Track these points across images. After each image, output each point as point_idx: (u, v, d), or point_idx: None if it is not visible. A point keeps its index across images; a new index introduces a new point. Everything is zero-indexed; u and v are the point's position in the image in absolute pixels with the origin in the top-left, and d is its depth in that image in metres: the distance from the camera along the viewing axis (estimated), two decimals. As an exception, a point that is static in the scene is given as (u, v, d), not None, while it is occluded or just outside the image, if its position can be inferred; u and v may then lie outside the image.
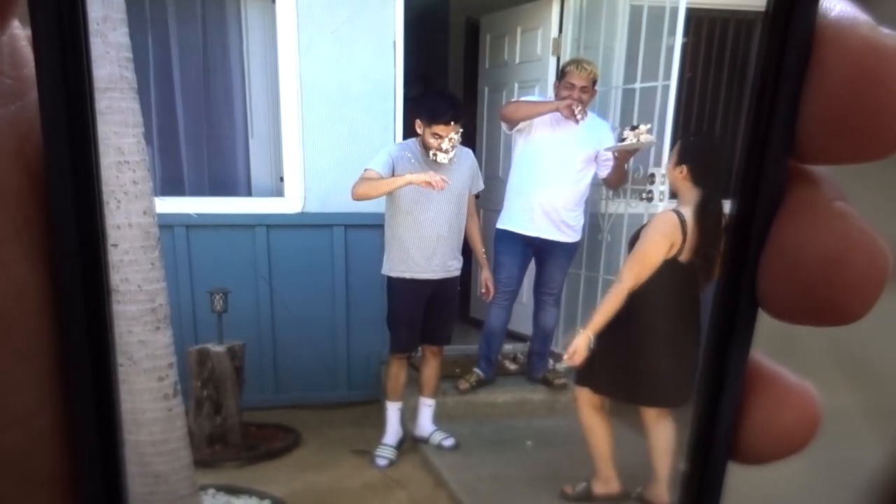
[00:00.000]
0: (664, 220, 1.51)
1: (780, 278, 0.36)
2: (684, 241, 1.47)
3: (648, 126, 1.78)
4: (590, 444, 1.57)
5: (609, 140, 1.85)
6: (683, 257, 1.46)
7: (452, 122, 1.68)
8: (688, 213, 1.48)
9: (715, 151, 1.63)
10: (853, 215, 0.35)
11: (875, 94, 0.33)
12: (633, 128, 1.79)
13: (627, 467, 1.56)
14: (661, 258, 1.47)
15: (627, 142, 1.79)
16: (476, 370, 1.97)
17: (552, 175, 1.89)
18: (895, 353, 1.78)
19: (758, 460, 0.41)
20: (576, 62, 1.88)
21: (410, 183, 1.70)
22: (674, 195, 1.69)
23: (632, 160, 1.86)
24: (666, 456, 1.62)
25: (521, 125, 1.89)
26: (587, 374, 1.57)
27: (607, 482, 1.54)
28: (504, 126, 1.88)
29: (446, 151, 1.69)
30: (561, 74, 1.88)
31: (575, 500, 1.55)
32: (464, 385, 1.96)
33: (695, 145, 1.63)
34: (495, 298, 1.96)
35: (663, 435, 1.60)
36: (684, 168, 1.54)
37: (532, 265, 1.94)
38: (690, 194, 1.52)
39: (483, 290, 1.90)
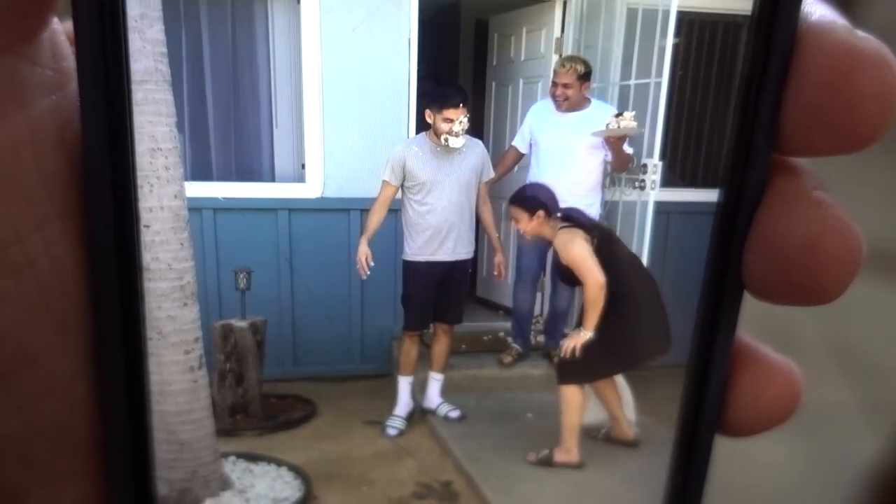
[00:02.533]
0: (572, 234, 1.59)
1: (763, 262, 0.36)
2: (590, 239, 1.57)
3: (633, 113, 1.78)
4: (563, 415, 1.60)
5: None
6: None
7: (461, 105, 1.69)
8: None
9: (540, 190, 1.71)
10: (830, 203, 0.35)
11: (851, 91, 0.33)
12: (618, 115, 1.79)
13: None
14: (591, 252, 1.56)
15: (611, 127, 1.79)
16: (514, 346, 1.98)
17: (559, 166, 1.89)
18: (892, 347, 1.77)
19: (742, 433, 0.41)
20: (561, 60, 1.88)
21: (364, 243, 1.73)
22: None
23: (627, 145, 1.86)
24: (618, 400, 1.68)
25: (530, 131, 1.92)
26: (571, 373, 1.61)
27: (569, 452, 1.57)
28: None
29: (457, 135, 1.69)
30: (553, 73, 1.88)
31: (537, 466, 1.58)
32: (507, 359, 1.97)
33: (526, 194, 1.74)
34: (519, 282, 1.98)
35: (610, 385, 1.67)
36: (539, 213, 1.64)
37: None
38: (551, 226, 1.63)
39: (496, 273, 1.90)
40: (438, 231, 1.84)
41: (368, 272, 1.77)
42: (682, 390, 0.39)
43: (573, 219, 1.59)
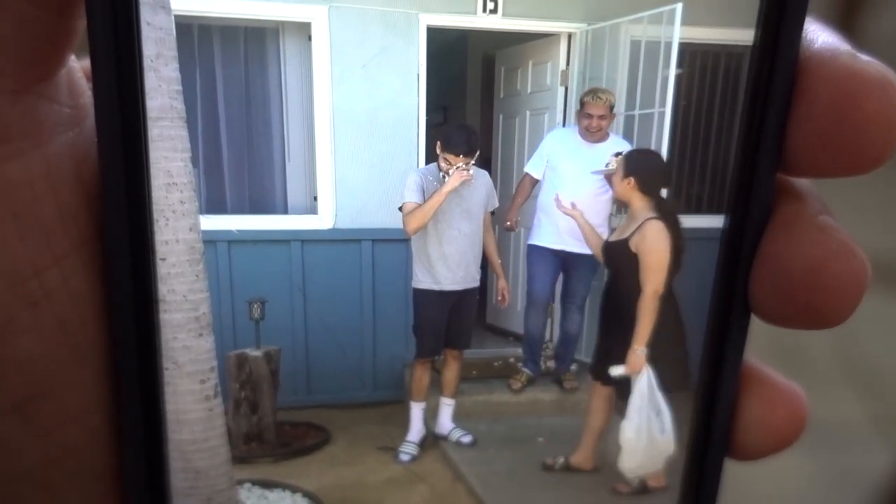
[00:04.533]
0: (662, 229, 1.47)
1: (769, 286, 0.36)
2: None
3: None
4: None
5: None
6: None
7: (462, 156, 1.69)
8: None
9: (655, 162, 1.65)
10: (834, 228, 0.35)
11: (856, 115, 0.33)
12: (618, 154, 1.79)
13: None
14: (669, 260, 1.47)
15: (610, 166, 1.79)
16: (524, 370, 1.97)
17: (576, 195, 1.89)
18: None
19: (751, 456, 0.41)
20: (591, 93, 1.87)
21: (450, 192, 1.70)
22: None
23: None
24: (602, 425, 1.57)
25: (547, 157, 1.91)
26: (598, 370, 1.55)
27: (658, 478, 1.51)
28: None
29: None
30: (580, 105, 1.88)
31: (633, 495, 1.51)
32: (516, 384, 1.96)
33: (638, 158, 1.64)
34: (530, 308, 1.97)
35: (604, 412, 1.57)
36: (631, 180, 1.55)
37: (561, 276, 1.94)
38: (641, 202, 1.53)
39: (500, 298, 1.90)
40: (450, 261, 1.84)
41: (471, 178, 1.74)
42: (692, 414, 0.39)
43: (667, 216, 1.51)
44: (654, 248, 1.51)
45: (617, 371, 1.44)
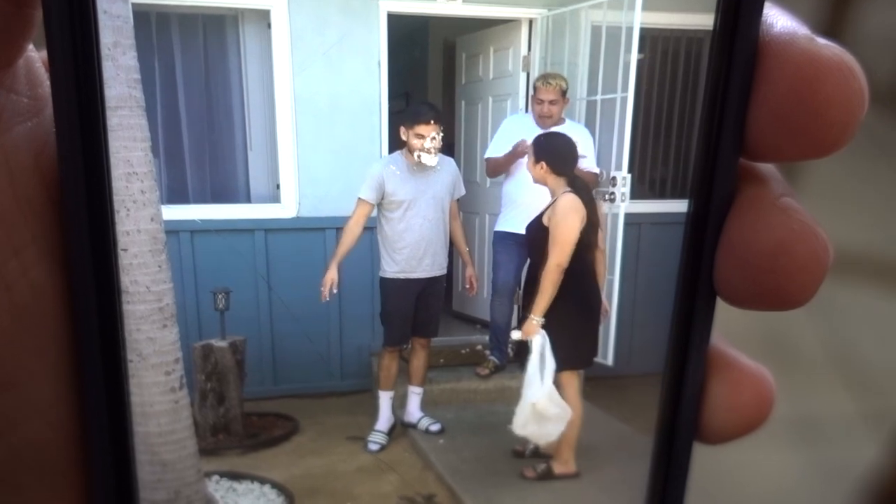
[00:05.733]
0: (573, 201, 1.51)
1: (733, 269, 0.36)
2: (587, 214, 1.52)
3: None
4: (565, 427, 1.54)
5: (588, 143, 1.85)
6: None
7: (433, 122, 1.69)
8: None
9: (563, 143, 1.69)
10: (796, 209, 0.36)
11: (815, 99, 0.33)
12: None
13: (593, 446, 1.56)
14: (578, 234, 1.52)
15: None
16: (491, 358, 1.97)
17: (531, 180, 1.90)
18: (891, 356, 1.77)
19: (719, 439, 0.41)
20: (542, 78, 1.88)
21: (339, 261, 1.70)
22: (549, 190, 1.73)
23: (595, 163, 1.87)
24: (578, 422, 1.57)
25: (506, 144, 1.90)
26: (562, 358, 1.56)
27: (566, 464, 1.53)
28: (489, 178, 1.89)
29: (429, 151, 1.69)
30: (534, 90, 1.88)
31: (537, 480, 1.54)
32: (484, 371, 1.96)
33: (545, 142, 1.68)
34: (496, 296, 1.97)
35: (578, 404, 1.56)
36: (543, 164, 1.57)
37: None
38: (556, 182, 1.55)
39: (468, 286, 1.90)
40: (416, 249, 1.83)
41: (328, 298, 1.75)
42: (659, 398, 0.39)
43: (581, 192, 1.55)
44: (562, 220, 1.54)
45: (514, 335, 1.50)
